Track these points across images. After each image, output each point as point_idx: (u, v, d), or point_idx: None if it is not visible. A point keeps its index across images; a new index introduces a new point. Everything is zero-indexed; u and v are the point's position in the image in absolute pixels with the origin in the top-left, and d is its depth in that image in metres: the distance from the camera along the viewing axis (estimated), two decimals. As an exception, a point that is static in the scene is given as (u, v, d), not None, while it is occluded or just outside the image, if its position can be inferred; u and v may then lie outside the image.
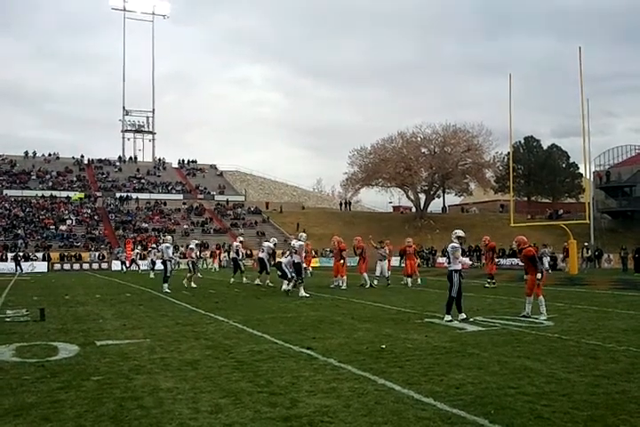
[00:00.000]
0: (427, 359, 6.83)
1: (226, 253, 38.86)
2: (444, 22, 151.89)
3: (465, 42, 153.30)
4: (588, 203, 32.58)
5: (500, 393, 5.28)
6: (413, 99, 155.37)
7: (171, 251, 18.19)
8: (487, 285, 18.65)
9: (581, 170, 62.92)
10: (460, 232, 10.68)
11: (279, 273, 16.76)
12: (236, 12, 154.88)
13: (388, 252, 20.14)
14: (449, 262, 10.27)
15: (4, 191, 54.03)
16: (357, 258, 19.94)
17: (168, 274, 17.68)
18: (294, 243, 16.37)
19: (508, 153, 44.41)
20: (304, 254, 16.58)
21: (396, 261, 24.98)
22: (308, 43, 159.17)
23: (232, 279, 21.63)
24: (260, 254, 20.44)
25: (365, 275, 19.03)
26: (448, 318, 10.04)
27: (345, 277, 18.69)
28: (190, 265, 20.24)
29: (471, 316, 10.51)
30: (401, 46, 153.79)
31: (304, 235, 17.34)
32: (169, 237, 20.49)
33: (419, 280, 19.22)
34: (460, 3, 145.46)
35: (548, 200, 70.20)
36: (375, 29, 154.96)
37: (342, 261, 19.16)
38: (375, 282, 19.47)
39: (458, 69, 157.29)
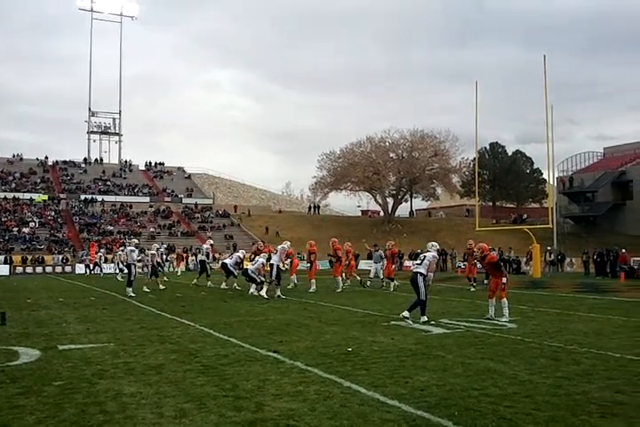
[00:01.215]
0: (392, 362, 6.87)
1: (194, 257, 38.53)
2: (413, 30, 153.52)
3: (432, 49, 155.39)
4: (551, 208, 33.21)
5: (463, 395, 5.34)
6: (382, 105, 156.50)
7: (135, 254, 17.96)
8: (472, 288, 18.91)
9: (545, 176, 64.46)
10: (437, 245, 11.19)
11: (246, 278, 16.80)
12: (205, 15, 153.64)
13: (384, 254, 19.66)
14: (419, 264, 10.39)
15: (-35, 193, 52.70)
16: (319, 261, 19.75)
17: (132, 278, 17.44)
18: (277, 247, 16.70)
19: (474, 159, 45.08)
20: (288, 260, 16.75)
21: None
22: (278, 48, 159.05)
23: (195, 280, 21.57)
24: (226, 260, 20.46)
25: (339, 278, 18.71)
26: (425, 318, 10.17)
27: (314, 280, 18.68)
28: (150, 270, 20.19)
29: (436, 318, 10.63)
30: (370, 53, 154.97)
31: (288, 243, 17.43)
32: (134, 241, 20.24)
33: (391, 285, 18.96)
34: (429, 10, 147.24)
35: (512, 205, 71.41)
36: (345, 36, 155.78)
37: (310, 264, 19.21)
38: (368, 283, 19.49)
39: (425, 76, 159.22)
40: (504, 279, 10.70)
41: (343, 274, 19.78)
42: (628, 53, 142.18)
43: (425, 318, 10.25)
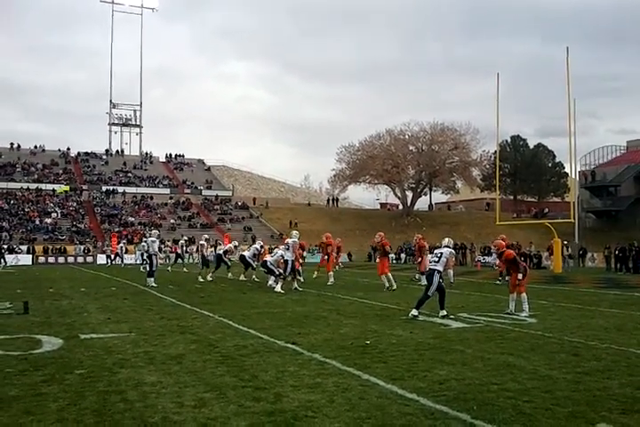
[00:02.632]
0: (411, 355, 6.86)
1: (212, 248, 38.70)
2: (430, 22, 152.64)
3: (449, 42, 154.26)
4: (573, 202, 32.81)
5: (482, 389, 5.32)
6: (399, 97, 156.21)
7: (157, 245, 18.13)
8: (498, 282, 18.88)
9: (567, 169, 63.71)
10: (452, 240, 11.16)
11: (264, 270, 16.85)
12: (224, 8, 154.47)
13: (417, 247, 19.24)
14: (436, 262, 10.32)
15: (-11, 183, 53.49)
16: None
17: (154, 268, 17.62)
18: (288, 240, 16.50)
19: (495, 152, 44.64)
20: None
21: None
22: (295, 40, 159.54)
23: (210, 275, 21.41)
24: (244, 252, 20.52)
25: (386, 276, 16.37)
26: (415, 312, 10.08)
27: (332, 273, 18.69)
28: (201, 260, 20.98)
29: (455, 312, 10.59)
30: (387, 45, 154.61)
31: (296, 232, 17.30)
32: (155, 232, 20.41)
33: (417, 277, 18.60)
34: (445, 3, 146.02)
35: (533, 199, 70.74)
36: (361, 28, 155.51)
37: (327, 256, 19.22)
38: (417, 276, 19.28)
39: (442, 69, 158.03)
40: (519, 275, 10.64)
41: (336, 267, 19.81)
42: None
43: (444, 313, 10.21)
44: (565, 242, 32.57)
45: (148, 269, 18.04)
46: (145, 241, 23.45)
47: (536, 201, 69.40)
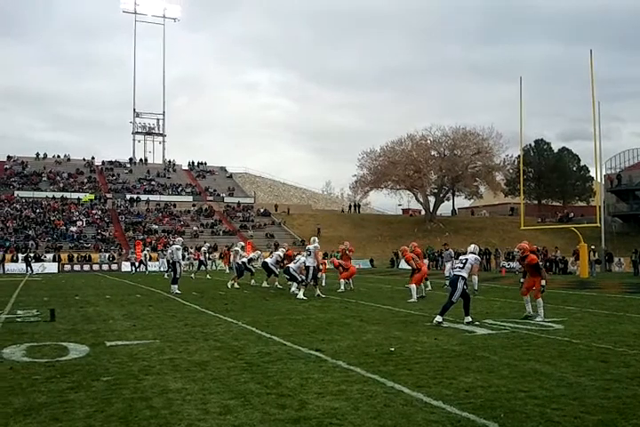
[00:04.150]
0: (436, 362, 6.80)
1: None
2: (447, 26, 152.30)
3: (468, 46, 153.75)
4: (599, 206, 32.34)
5: (509, 397, 5.25)
6: (418, 103, 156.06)
7: (180, 253, 18.26)
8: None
9: (592, 173, 62.90)
10: (477, 247, 11.22)
11: (287, 277, 16.87)
12: (244, 17, 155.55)
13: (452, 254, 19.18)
14: (461, 267, 10.21)
15: (16, 192, 54.33)
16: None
17: (177, 275, 17.75)
18: (309, 246, 16.48)
19: (519, 156, 44.23)
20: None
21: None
22: (313, 48, 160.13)
23: (232, 281, 21.28)
24: (267, 259, 20.56)
25: (414, 286, 15.01)
26: (439, 318, 9.96)
27: (343, 281, 18.45)
28: (236, 267, 20.75)
29: (480, 319, 10.49)
30: (405, 51, 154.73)
31: (316, 239, 17.20)
32: (179, 239, 20.55)
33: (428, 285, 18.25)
34: (463, 6, 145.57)
35: (558, 203, 69.91)
36: (380, 34, 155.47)
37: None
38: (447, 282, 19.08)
39: (461, 73, 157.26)
40: (543, 282, 10.53)
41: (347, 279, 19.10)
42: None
43: (469, 319, 10.11)
44: (592, 247, 32.07)
45: (172, 276, 18.19)
46: (169, 248, 23.65)
47: (561, 205, 68.57)
